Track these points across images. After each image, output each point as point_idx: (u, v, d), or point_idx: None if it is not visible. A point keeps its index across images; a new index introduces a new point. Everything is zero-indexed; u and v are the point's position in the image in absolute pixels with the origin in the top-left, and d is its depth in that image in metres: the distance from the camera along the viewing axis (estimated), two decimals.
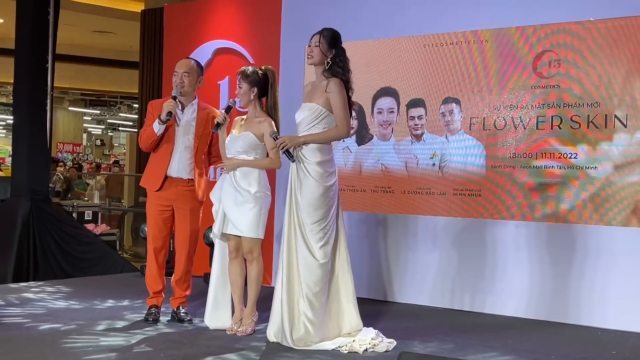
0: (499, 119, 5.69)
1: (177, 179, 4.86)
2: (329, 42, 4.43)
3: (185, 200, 4.88)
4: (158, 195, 4.88)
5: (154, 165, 4.93)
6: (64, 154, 22.29)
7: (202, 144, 4.91)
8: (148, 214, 4.98)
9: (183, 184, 4.88)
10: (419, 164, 6.01)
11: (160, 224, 4.92)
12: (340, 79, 4.40)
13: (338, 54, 4.44)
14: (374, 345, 4.31)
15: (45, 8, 7.69)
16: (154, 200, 4.92)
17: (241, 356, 4.09)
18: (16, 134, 7.90)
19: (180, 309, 4.97)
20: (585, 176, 5.34)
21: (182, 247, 4.94)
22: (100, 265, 7.56)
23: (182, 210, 4.89)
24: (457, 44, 5.86)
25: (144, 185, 5.03)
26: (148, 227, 4.99)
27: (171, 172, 4.85)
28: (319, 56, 4.44)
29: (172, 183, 4.87)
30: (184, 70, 4.88)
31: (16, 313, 5.07)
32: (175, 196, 4.88)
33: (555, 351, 4.45)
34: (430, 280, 5.93)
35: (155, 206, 4.91)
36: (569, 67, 5.41)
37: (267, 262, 4.99)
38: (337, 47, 4.45)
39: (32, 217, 7.40)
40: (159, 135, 4.80)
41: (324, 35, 4.45)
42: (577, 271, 5.34)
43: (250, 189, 4.56)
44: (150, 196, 4.95)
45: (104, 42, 16.19)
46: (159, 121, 4.75)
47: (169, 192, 4.87)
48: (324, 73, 4.44)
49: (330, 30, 4.48)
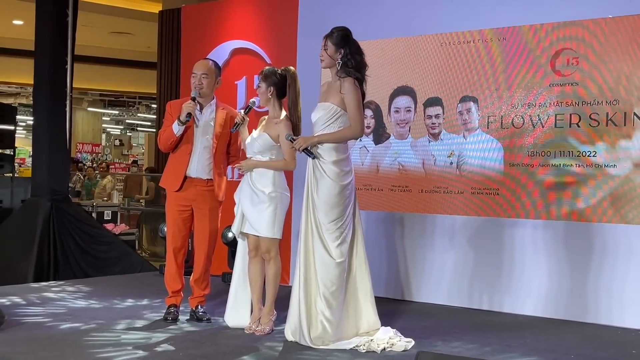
0: (517, 117, 5.66)
1: (197, 179, 4.89)
2: (337, 43, 4.42)
3: (204, 200, 4.91)
4: (178, 195, 4.91)
5: (173, 165, 4.96)
6: (84, 154, 22.45)
7: (221, 144, 4.93)
8: (167, 214, 5.01)
9: (202, 184, 4.90)
10: (437, 162, 6.00)
11: (180, 223, 4.94)
12: (354, 78, 4.40)
13: (348, 52, 4.41)
14: (392, 345, 4.31)
15: (64, 10, 7.75)
16: (174, 200, 4.95)
17: (259, 355, 4.10)
18: (36, 134, 7.97)
19: (199, 308, 5.00)
20: (604, 174, 5.31)
21: (201, 246, 4.97)
22: (120, 264, 7.62)
23: (202, 210, 4.92)
24: (475, 42, 5.84)
25: (163, 186, 5.07)
26: (167, 226, 5.02)
27: (190, 172, 4.88)
28: (328, 59, 4.45)
29: (192, 183, 4.89)
30: (202, 72, 4.91)
31: (37, 312, 5.12)
32: (194, 196, 4.91)
33: (574, 350, 4.43)
34: (448, 279, 5.92)
35: (174, 206, 4.94)
36: (587, 65, 5.38)
37: (284, 261, 5.00)
38: (346, 45, 4.42)
39: (52, 217, 7.47)
40: (178, 136, 4.83)
41: (330, 37, 4.45)
42: (596, 270, 5.31)
43: (265, 189, 4.58)
44: (170, 196, 4.98)
45: (122, 43, 16.29)
46: (178, 122, 4.78)
47: (189, 192, 4.90)
48: (338, 73, 4.45)
49: (338, 30, 4.47)
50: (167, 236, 5.02)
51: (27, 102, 21.05)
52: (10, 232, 7.63)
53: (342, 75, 4.42)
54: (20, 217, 7.77)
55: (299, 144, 4.39)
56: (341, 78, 4.41)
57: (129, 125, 28.57)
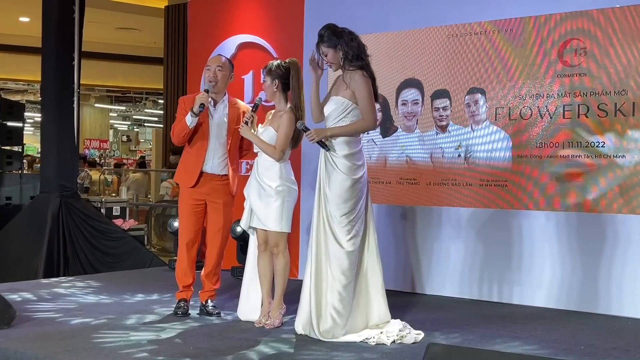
0: (525, 108, 5.65)
1: (212, 174, 4.92)
2: (330, 44, 4.39)
3: (218, 195, 4.93)
4: (192, 190, 4.93)
5: (188, 161, 4.98)
6: (91, 150, 22.50)
7: (234, 139, 4.95)
8: (181, 208, 5.02)
9: (217, 179, 4.93)
10: (444, 155, 5.99)
11: (193, 218, 4.96)
12: (362, 71, 4.39)
13: (344, 46, 4.38)
14: (401, 337, 4.31)
15: (71, 6, 7.77)
16: (188, 195, 4.96)
17: (269, 348, 4.11)
18: (44, 131, 8.00)
19: (209, 303, 5.01)
20: (613, 165, 5.29)
21: (214, 241, 4.99)
22: (129, 260, 7.65)
23: (215, 204, 4.94)
24: (481, 33, 5.82)
25: (178, 181, 5.09)
26: (180, 221, 5.03)
27: (206, 168, 4.91)
28: (334, 61, 4.43)
29: (207, 178, 4.92)
30: (217, 64, 4.94)
31: (48, 308, 5.15)
32: (209, 190, 4.93)
33: (585, 341, 4.42)
34: (457, 271, 5.92)
35: (189, 200, 4.96)
36: (595, 55, 5.35)
37: (293, 255, 5.01)
38: (339, 40, 4.38)
39: (61, 213, 7.51)
40: (191, 128, 4.85)
41: (322, 42, 4.41)
42: (606, 261, 5.30)
43: (272, 183, 4.59)
44: (184, 191, 5.00)
45: (129, 38, 16.31)
46: (191, 114, 4.80)
47: (204, 188, 4.92)
48: (345, 67, 4.45)
49: (325, 30, 4.42)
50: (180, 231, 5.04)
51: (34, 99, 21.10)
52: (20, 229, 7.68)
53: (349, 69, 4.42)
54: (29, 214, 7.82)
55: (312, 135, 4.39)
56: (350, 71, 4.41)
57: (136, 121, 28.59)
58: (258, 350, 4.06)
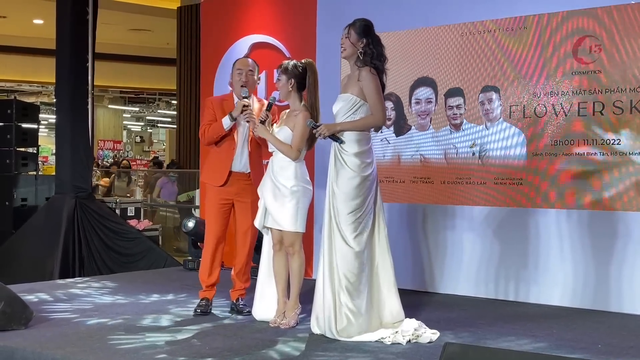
0: (540, 106, 5.62)
1: (239, 173, 4.96)
2: (359, 32, 4.44)
3: (246, 194, 4.96)
4: (221, 189, 4.96)
5: (216, 161, 5.01)
6: (105, 151, 22.61)
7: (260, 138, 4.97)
8: (208, 208, 5.05)
9: (244, 177, 4.97)
10: (459, 153, 5.97)
11: (221, 218, 4.98)
12: (370, 67, 4.39)
13: (370, 42, 4.43)
14: (417, 337, 4.30)
15: (84, 8, 7.81)
16: (216, 195, 4.99)
17: (285, 348, 4.12)
18: (59, 132, 8.04)
19: (240, 301, 5.05)
20: (628, 162, 5.25)
21: (243, 239, 5.02)
22: (144, 260, 7.68)
23: (243, 203, 4.97)
24: (495, 31, 5.80)
25: (206, 181, 5.12)
26: (207, 221, 5.05)
27: (235, 167, 4.95)
28: (350, 48, 4.45)
29: (235, 177, 4.95)
30: (249, 68, 4.99)
31: (64, 308, 5.18)
32: (237, 190, 4.96)
33: (601, 340, 4.39)
34: (472, 270, 5.90)
35: (217, 200, 4.98)
36: (610, 52, 5.32)
37: (308, 255, 5.01)
38: (368, 36, 4.44)
39: (76, 214, 7.54)
40: (227, 131, 4.89)
41: (353, 26, 4.46)
42: (621, 259, 5.26)
43: (287, 183, 4.59)
44: (212, 191, 5.02)
45: (142, 40, 16.38)
46: (229, 117, 4.85)
47: (232, 187, 4.95)
48: (357, 63, 4.45)
49: (361, 20, 4.49)
50: (207, 230, 5.05)
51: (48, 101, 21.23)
52: (36, 230, 7.72)
53: (359, 65, 4.42)
54: (44, 215, 7.86)
55: (321, 130, 4.40)
56: (359, 67, 4.41)
57: (149, 121, 28.72)
58: (275, 350, 4.05)
